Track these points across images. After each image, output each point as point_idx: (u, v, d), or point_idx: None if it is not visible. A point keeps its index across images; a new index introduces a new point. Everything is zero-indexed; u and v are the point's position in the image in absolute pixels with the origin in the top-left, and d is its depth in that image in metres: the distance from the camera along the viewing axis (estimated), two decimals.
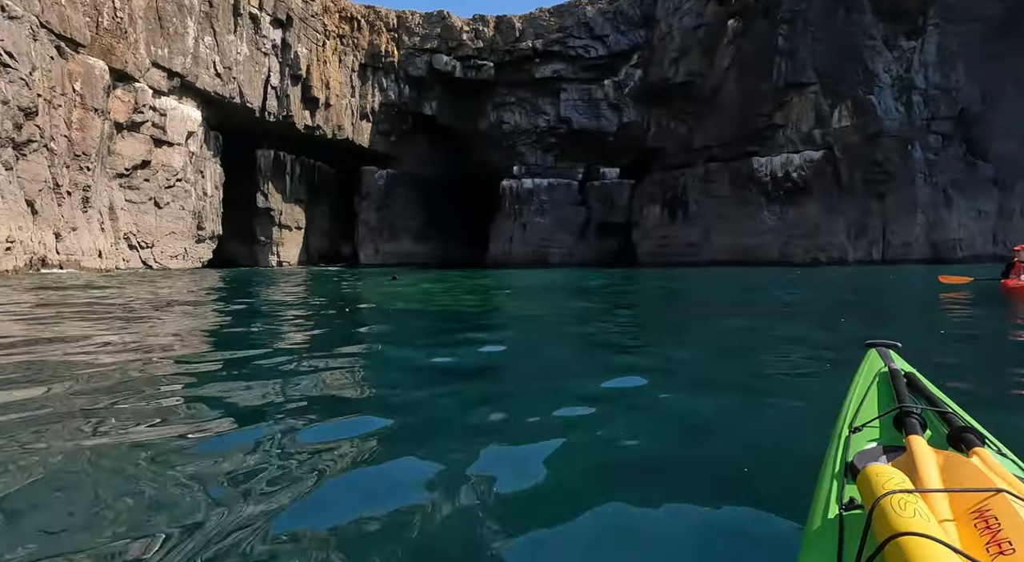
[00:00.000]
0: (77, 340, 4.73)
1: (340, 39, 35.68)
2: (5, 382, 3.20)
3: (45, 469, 1.94)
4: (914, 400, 1.30)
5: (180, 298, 9.71)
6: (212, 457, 2.07)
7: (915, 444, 1.00)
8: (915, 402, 1.28)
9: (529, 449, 2.22)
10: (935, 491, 0.84)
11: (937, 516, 0.77)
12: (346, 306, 8.85)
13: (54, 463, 1.99)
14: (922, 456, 0.94)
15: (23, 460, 2.01)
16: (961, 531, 0.76)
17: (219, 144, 30.53)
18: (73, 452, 2.10)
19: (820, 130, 31.28)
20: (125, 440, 2.24)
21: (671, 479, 2.00)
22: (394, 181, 39.95)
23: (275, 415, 2.57)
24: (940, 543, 0.68)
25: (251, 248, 34.70)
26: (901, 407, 1.20)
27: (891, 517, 0.73)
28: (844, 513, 0.89)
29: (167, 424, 2.48)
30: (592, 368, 3.88)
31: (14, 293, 10.07)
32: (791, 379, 3.42)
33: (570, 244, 38.17)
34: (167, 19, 25.17)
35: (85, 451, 2.11)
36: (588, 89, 37.08)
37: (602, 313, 7.85)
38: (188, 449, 2.16)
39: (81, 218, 20.72)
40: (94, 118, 21.25)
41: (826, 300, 9.79)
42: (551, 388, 3.25)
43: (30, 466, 1.96)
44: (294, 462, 2.02)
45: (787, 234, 32.00)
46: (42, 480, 1.86)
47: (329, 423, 2.48)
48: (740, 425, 2.52)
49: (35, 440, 2.22)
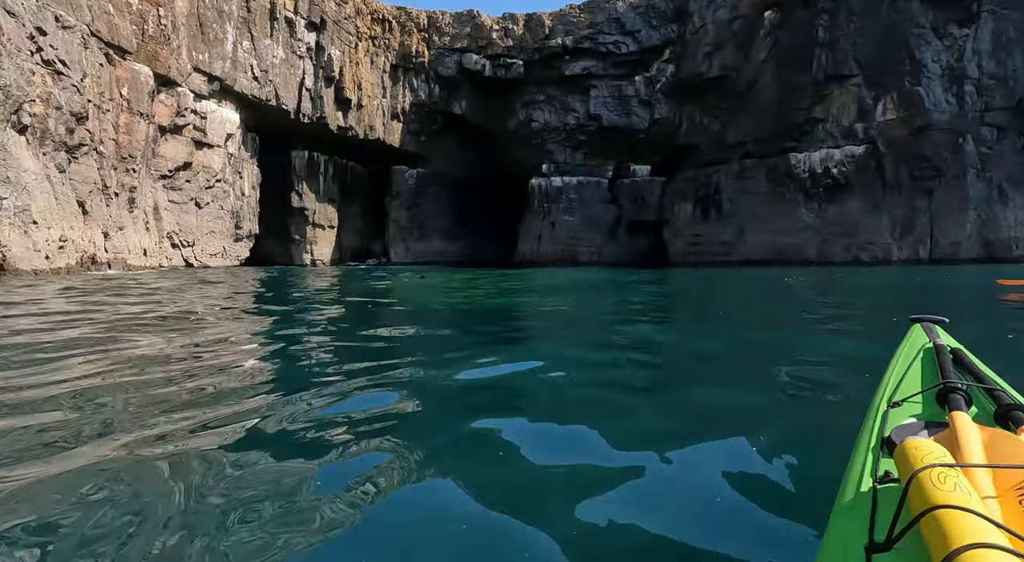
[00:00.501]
0: (156, 333, 4.91)
1: (372, 40, 36.20)
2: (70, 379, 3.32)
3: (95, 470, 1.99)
4: (960, 376, 1.25)
5: (229, 304, 10.00)
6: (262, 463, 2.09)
7: (958, 419, 0.96)
8: (961, 378, 1.23)
9: (551, 429, 2.24)
10: (978, 466, 0.80)
11: (979, 492, 0.74)
12: (369, 303, 8.96)
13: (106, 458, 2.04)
14: (965, 431, 0.91)
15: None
16: (1004, 508, 0.73)
17: (256, 145, 31.41)
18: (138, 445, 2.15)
19: (862, 124, 30.04)
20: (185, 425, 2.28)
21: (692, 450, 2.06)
22: (424, 180, 40.35)
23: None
24: (981, 517, 0.64)
25: (286, 246, 35.59)
26: (945, 382, 1.16)
27: (929, 490, 0.70)
28: (878, 486, 0.85)
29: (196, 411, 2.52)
30: (632, 370, 3.79)
31: (94, 292, 10.56)
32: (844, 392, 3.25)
33: (599, 243, 37.80)
34: (207, 25, 26.01)
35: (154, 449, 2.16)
36: (619, 86, 36.60)
37: (642, 313, 7.71)
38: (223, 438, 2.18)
39: (128, 218, 21.63)
40: (139, 122, 22.14)
41: (884, 301, 9.35)
42: (577, 381, 3.19)
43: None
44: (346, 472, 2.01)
45: (826, 232, 30.88)
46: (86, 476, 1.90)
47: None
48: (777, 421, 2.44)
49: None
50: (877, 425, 1.11)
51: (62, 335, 4.94)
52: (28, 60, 16.27)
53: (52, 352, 4.07)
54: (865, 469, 0.96)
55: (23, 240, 15.32)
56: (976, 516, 0.64)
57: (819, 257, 30.56)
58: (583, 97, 37.34)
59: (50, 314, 6.51)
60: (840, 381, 3.30)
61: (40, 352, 4.08)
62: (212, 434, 2.33)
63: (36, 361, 3.73)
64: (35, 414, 2.57)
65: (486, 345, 4.82)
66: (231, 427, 2.42)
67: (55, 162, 17.51)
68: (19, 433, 2.30)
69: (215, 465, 2.01)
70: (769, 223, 32.24)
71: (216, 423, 2.47)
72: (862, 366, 3.52)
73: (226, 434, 2.33)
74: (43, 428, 2.39)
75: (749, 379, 3.53)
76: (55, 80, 17.37)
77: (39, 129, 16.75)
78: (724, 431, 2.39)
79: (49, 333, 5.08)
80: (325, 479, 1.88)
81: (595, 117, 37.10)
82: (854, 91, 30.21)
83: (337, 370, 3.62)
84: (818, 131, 31.24)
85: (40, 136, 16.85)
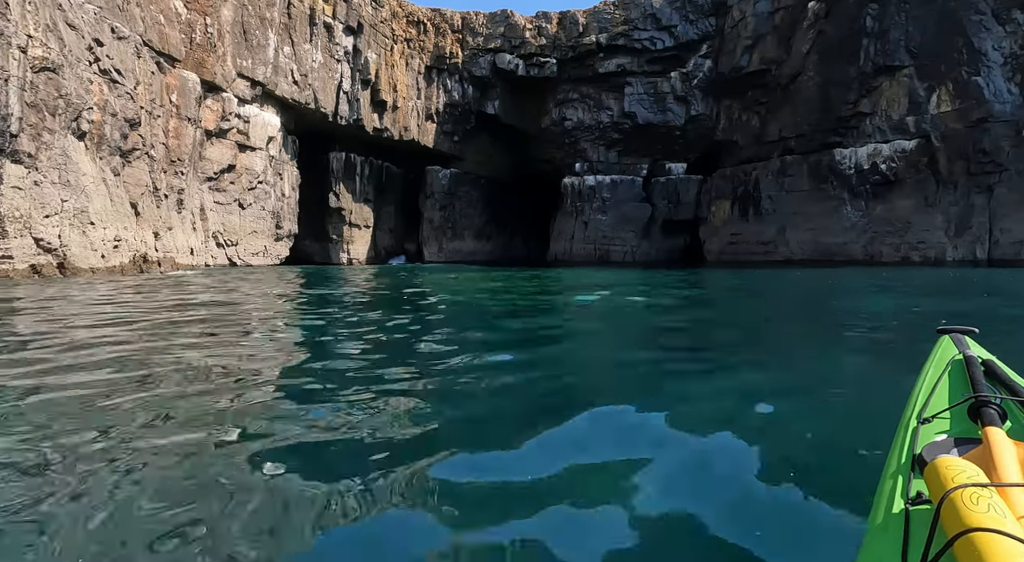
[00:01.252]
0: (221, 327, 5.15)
1: (407, 43, 36.72)
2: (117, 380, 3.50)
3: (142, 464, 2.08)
4: (992, 389, 1.18)
5: (280, 307, 10.33)
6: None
7: (992, 435, 0.91)
8: (993, 391, 1.17)
9: (574, 428, 2.24)
10: (1013, 485, 0.76)
11: (1015, 512, 0.71)
12: (407, 302, 9.10)
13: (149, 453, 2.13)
14: (999, 448, 0.86)
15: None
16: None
17: (296, 147, 32.34)
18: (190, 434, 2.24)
19: (914, 117, 28.57)
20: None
21: (725, 468, 2.01)
22: (457, 180, 40.70)
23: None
24: (1017, 540, 0.61)
25: (324, 246, 36.51)
26: (977, 396, 1.10)
27: (962, 512, 0.67)
28: (910, 508, 0.82)
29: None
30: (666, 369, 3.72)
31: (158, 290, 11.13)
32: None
33: (633, 242, 37.28)
34: (251, 32, 26.92)
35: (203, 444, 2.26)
36: (654, 82, 35.98)
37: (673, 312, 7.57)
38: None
39: (176, 218, 22.64)
40: (188, 127, 23.13)
41: (967, 306, 8.85)
42: (611, 381, 3.15)
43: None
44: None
45: (873, 231, 29.54)
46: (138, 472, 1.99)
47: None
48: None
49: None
50: (907, 442, 1.07)
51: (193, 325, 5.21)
52: (87, 70, 17.22)
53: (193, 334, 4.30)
54: (896, 489, 0.94)
55: (82, 240, 16.24)
56: (1011, 539, 0.61)
57: (865, 257, 29.27)
58: (617, 95, 36.89)
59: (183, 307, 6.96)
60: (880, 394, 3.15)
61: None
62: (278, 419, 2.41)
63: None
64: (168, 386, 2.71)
65: (521, 343, 4.82)
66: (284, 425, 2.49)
67: (110, 166, 18.49)
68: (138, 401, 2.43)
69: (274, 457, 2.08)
70: (812, 222, 31.09)
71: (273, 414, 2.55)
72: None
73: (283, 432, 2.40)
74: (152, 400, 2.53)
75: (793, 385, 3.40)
76: (111, 88, 18.32)
77: (96, 135, 17.71)
78: (759, 440, 2.32)
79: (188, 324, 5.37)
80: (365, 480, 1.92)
81: (629, 115, 36.60)
82: (905, 83, 28.77)
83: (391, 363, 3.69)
84: (865, 125, 29.90)
85: (97, 141, 17.82)
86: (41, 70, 15.01)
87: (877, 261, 28.59)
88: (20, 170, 14.27)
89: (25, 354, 4.12)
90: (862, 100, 29.71)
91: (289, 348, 4.97)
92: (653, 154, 37.62)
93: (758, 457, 2.14)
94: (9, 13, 13.87)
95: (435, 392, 3.12)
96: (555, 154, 39.30)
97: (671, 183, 37.51)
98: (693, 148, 36.57)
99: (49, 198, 15.19)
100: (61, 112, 15.79)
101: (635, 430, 2.48)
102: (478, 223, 41.60)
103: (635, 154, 37.91)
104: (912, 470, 0.96)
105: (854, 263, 28.66)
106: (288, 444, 2.25)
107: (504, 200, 42.49)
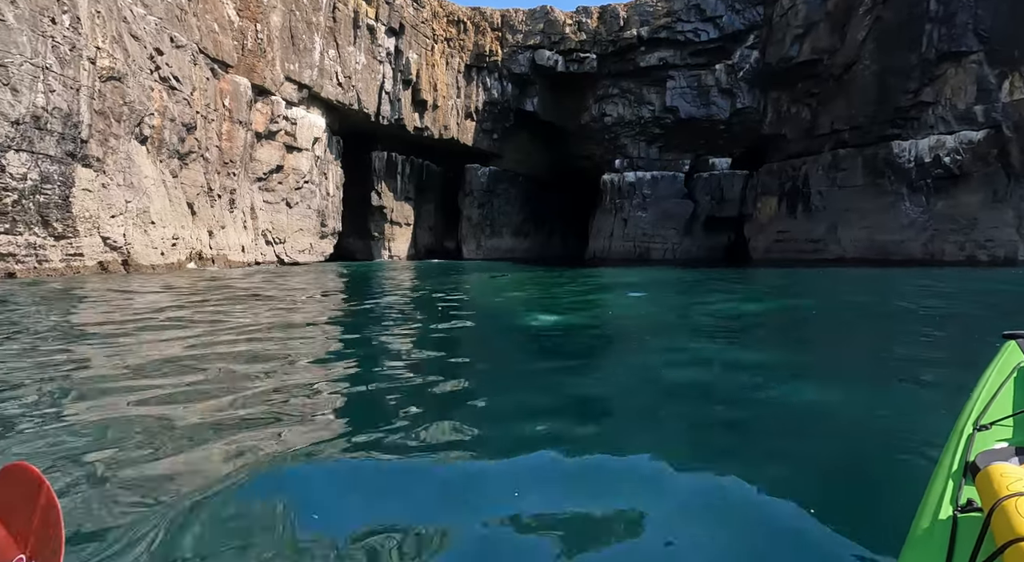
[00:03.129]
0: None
1: (447, 42, 37.09)
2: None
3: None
4: None
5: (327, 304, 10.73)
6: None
7: None
8: None
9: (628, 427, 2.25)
10: None
11: None
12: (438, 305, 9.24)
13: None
14: None
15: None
16: None
17: (340, 147, 33.27)
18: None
19: (983, 106, 26.66)
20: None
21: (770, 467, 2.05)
22: (496, 178, 40.87)
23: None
24: None
25: (366, 243, 37.45)
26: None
27: (1014, 520, 0.64)
28: (959, 515, 0.79)
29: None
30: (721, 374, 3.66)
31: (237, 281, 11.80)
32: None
33: (674, 240, 36.47)
34: (298, 37, 27.85)
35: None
36: (697, 75, 35.00)
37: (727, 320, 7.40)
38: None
39: (228, 218, 23.75)
40: (239, 129, 24.19)
41: None
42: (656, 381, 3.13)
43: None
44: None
45: (934, 229, 27.79)
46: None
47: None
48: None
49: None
50: (960, 449, 1.03)
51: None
52: (148, 78, 18.28)
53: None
54: (945, 496, 0.90)
55: (143, 238, 17.29)
56: None
57: (925, 256, 27.58)
58: (659, 89, 36.10)
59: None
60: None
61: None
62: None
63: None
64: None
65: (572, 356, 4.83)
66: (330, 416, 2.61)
67: (169, 168, 19.58)
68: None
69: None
70: (866, 219, 29.53)
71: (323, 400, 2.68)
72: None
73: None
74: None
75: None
76: (170, 95, 19.38)
77: (156, 139, 18.78)
78: (797, 447, 2.28)
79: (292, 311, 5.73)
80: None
81: (671, 109, 35.76)
82: (973, 69, 26.87)
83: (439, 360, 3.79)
84: (927, 116, 28.12)
85: (157, 145, 18.90)
86: (108, 79, 16.04)
87: (938, 260, 26.90)
88: (90, 173, 15.31)
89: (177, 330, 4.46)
90: (924, 89, 27.96)
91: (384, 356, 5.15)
92: (696, 149, 36.64)
93: (801, 460, 2.10)
94: (80, 27, 14.88)
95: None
96: (594, 151, 38.87)
97: (715, 179, 36.44)
98: (738, 142, 35.40)
99: (115, 199, 16.24)
100: (125, 118, 16.83)
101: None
102: (516, 221, 41.68)
103: (677, 149, 37.03)
104: (964, 477, 0.93)
105: (912, 262, 27.08)
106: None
107: (542, 197, 42.40)
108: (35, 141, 13.65)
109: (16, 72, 13.10)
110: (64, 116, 14.31)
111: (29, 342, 4.82)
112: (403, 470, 2.10)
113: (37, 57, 13.52)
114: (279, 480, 1.96)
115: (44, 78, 13.72)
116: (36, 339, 4.97)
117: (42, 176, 13.83)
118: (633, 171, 37.87)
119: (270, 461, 2.09)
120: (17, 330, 5.52)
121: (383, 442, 2.35)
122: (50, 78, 13.87)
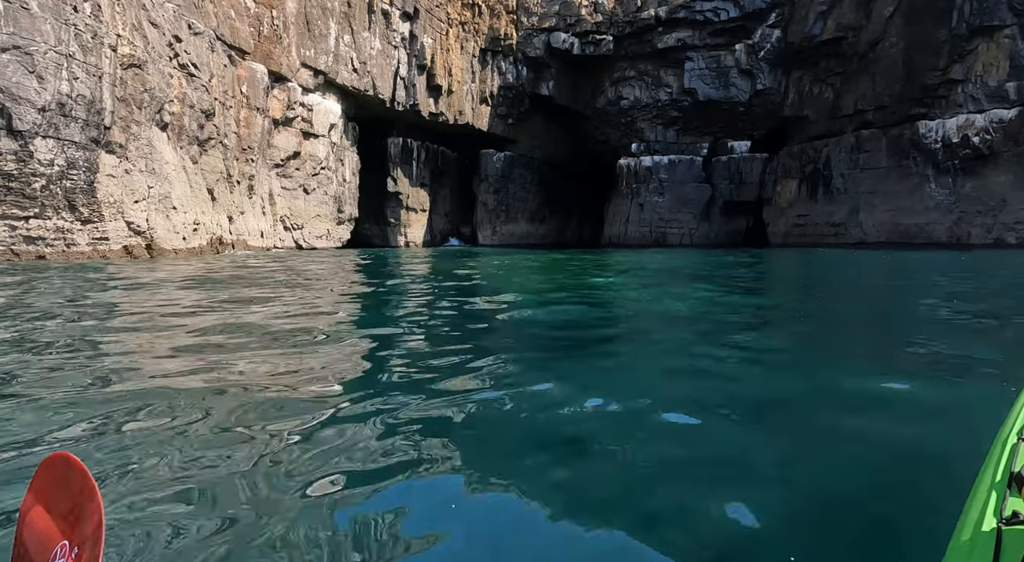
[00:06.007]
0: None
1: (462, 26, 36.80)
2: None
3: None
4: None
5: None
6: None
7: None
8: None
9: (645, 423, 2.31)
10: None
11: None
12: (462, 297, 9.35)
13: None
14: None
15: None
16: None
17: (356, 134, 33.42)
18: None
19: (1016, 83, 25.66)
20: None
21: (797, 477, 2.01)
22: (511, 163, 40.71)
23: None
24: None
25: (382, 229, 37.74)
26: None
27: None
28: (1003, 527, 0.77)
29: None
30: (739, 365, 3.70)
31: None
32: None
33: (691, 224, 36.04)
34: (313, 23, 27.92)
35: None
36: (716, 56, 34.22)
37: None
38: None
39: (247, 203, 24.15)
40: (257, 116, 24.47)
41: None
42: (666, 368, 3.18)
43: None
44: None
45: (960, 211, 26.99)
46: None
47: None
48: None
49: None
50: (1004, 459, 0.99)
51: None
52: (167, 65, 18.57)
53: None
54: (988, 507, 0.87)
55: (166, 223, 17.71)
56: None
57: (951, 239, 26.84)
58: (677, 71, 35.41)
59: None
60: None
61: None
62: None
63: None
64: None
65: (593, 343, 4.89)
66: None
67: (189, 154, 19.95)
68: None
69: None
70: (889, 201, 28.80)
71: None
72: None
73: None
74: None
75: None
76: (189, 81, 19.67)
77: (177, 126, 19.13)
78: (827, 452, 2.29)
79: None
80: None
81: (689, 91, 35.09)
82: (1006, 44, 25.82)
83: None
84: (956, 94, 27.16)
85: (178, 132, 19.25)
86: (129, 66, 16.35)
87: (964, 243, 26.17)
88: (113, 159, 15.70)
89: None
90: (953, 66, 26.97)
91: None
92: (714, 132, 35.98)
93: (830, 467, 2.11)
94: (101, 15, 15.16)
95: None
96: (610, 134, 38.42)
97: (733, 162, 35.80)
98: (758, 125, 34.66)
99: (137, 185, 16.64)
100: (146, 105, 17.16)
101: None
102: (531, 206, 41.55)
103: (695, 132, 36.41)
104: (1008, 488, 0.90)
105: (937, 245, 26.39)
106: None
107: (558, 183, 42.16)
108: (61, 128, 14.02)
109: (41, 60, 13.44)
110: (88, 103, 14.66)
111: (73, 318, 5.02)
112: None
113: (60, 45, 13.84)
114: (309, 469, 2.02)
115: (68, 66, 14.05)
116: (80, 316, 5.17)
117: (68, 162, 14.23)
118: (650, 155, 37.38)
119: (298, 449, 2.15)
120: (55, 311, 5.76)
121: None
122: (73, 65, 14.20)
